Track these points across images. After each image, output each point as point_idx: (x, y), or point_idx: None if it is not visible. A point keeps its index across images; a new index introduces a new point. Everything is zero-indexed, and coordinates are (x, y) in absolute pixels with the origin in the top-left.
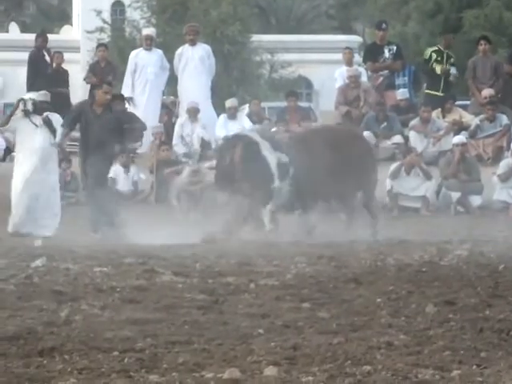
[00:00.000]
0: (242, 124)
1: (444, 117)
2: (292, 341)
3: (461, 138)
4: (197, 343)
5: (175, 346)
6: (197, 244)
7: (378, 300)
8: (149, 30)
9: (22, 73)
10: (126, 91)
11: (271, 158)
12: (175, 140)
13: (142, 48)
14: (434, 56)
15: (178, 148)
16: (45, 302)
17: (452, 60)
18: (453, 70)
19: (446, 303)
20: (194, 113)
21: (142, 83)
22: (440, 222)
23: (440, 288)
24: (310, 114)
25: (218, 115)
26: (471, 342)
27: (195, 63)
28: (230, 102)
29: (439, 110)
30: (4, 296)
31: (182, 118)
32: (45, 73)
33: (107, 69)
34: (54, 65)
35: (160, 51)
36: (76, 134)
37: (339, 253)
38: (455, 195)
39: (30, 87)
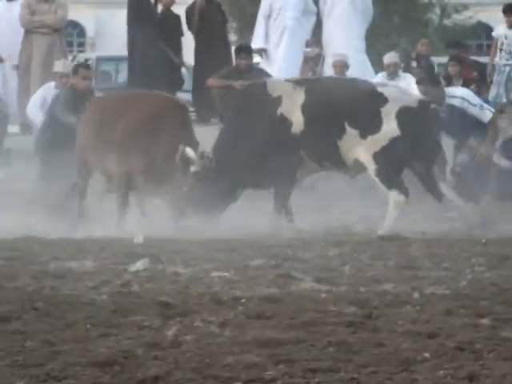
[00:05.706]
0: (407, 85)
1: None
2: (467, 368)
3: None
4: (343, 371)
5: (316, 374)
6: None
7: None
8: None
9: (121, 18)
10: (256, 41)
11: None
12: None
13: None
14: None
15: None
16: (147, 318)
17: None
18: None
19: None
20: (341, 68)
21: (278, 31)
22: None
23: None
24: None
25: (375, 73)
26: None
27: (344, 5)
28: (389, 57)
29: None
30: (95, 309)
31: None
32: (151, 19)
33: (210, 10)
34: (161, 7)
35: None
36: None
37: None
38: None
39: (133, 41)
